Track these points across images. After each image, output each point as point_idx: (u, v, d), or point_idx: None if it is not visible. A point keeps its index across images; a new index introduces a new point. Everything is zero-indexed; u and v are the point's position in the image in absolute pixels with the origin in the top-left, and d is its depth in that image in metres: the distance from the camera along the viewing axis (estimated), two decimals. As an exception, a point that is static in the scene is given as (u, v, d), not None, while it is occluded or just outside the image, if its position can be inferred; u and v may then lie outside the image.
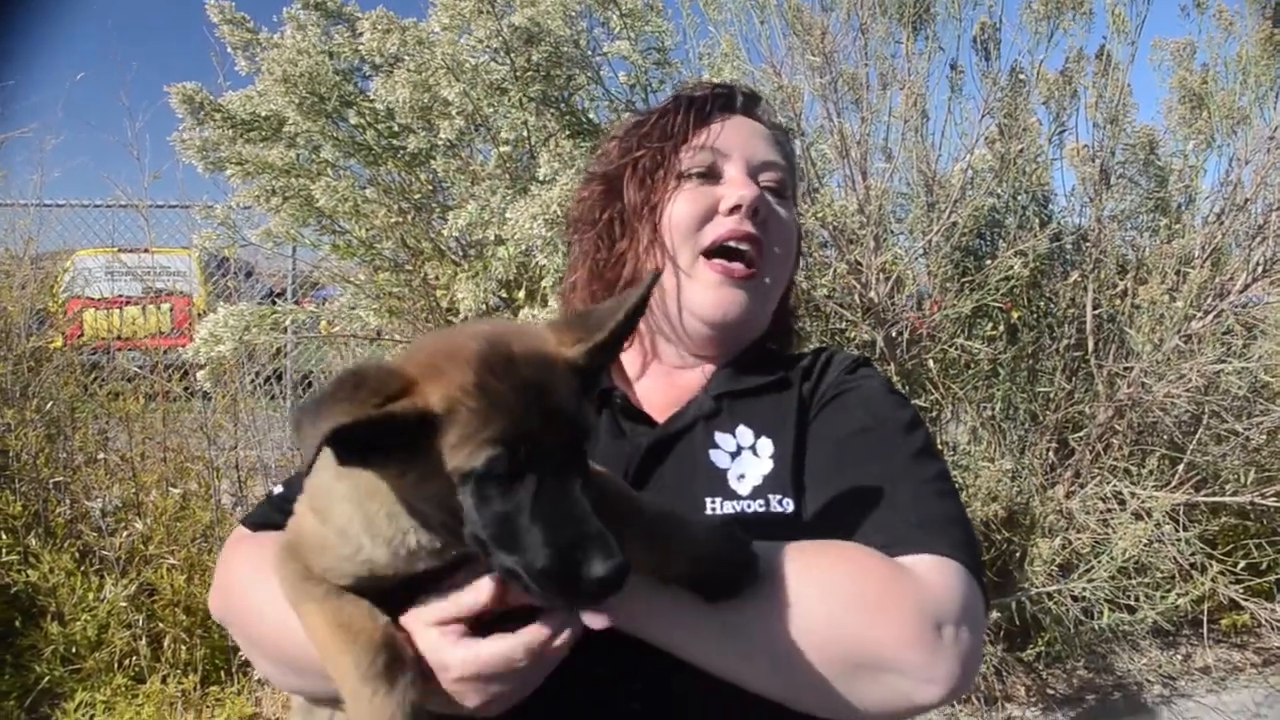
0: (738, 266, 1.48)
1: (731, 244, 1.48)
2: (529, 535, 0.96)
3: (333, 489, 1.12)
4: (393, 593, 1.12)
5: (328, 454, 1.00)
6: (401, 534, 1.07)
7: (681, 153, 1.54)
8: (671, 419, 1.46)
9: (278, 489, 1.49)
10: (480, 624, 1.10)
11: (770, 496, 1.33)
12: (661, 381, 1.57)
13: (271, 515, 1.39)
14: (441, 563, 1.09)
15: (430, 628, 1.10)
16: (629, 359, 1.61)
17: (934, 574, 1.15)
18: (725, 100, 1.60)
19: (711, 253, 1.49)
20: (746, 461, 1.37)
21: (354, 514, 1.09)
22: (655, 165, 1.55)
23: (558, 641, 1.05)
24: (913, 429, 1.39)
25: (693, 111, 1.57)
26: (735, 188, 1.49)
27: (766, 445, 1.39)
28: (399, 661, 1.08)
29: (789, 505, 1.32)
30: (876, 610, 1.10)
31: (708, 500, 1.33)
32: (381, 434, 0.95)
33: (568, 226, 1.74)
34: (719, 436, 1.40)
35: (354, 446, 0.96)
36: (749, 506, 1.32)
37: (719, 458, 1.38)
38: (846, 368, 1.49)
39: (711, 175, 1.52)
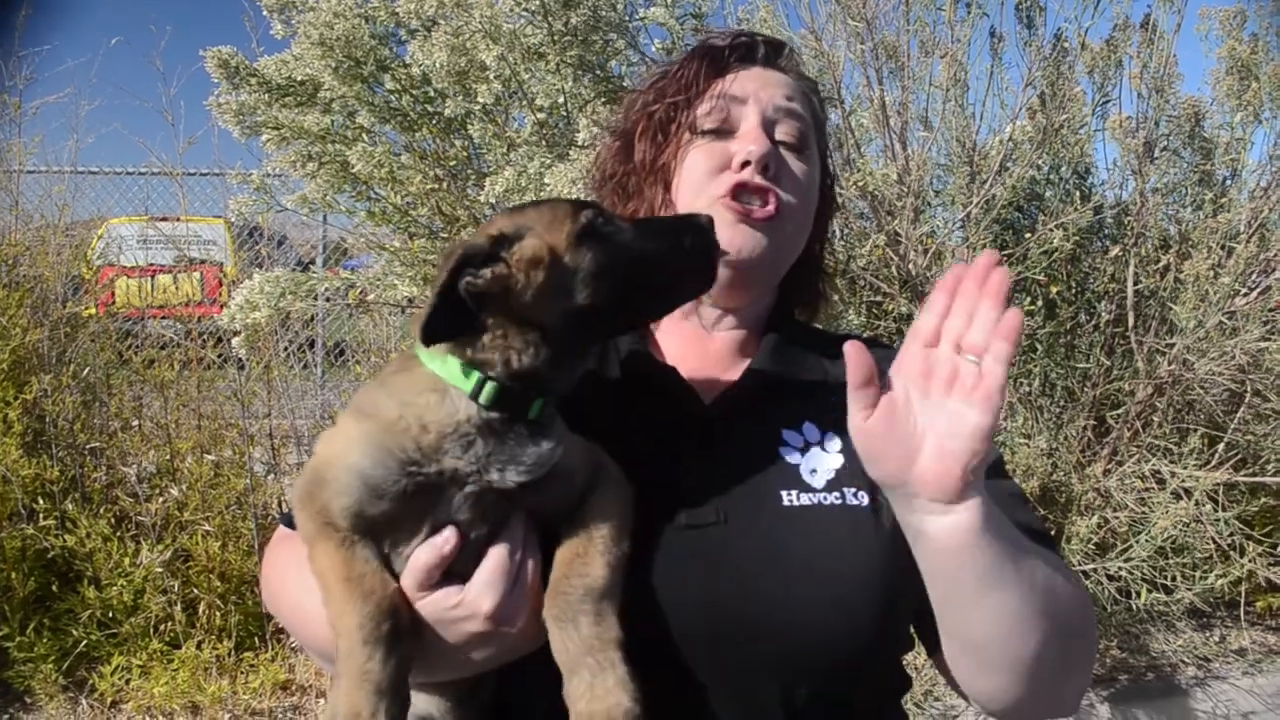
0: (755, 207, 1.43)
1: (745, 192, 1.44)
2: (663, 235, 1.26)
3: (381, 391, 1.23)
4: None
5: (387, 374, 1.27)
6: (454, 406, 1.17)
7: (696, 106, 1.50)
8: (722, 399, 1.43)
9: None
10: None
11: (845, 490, 1.33)
12: (693, 347, 1.53)
13: None
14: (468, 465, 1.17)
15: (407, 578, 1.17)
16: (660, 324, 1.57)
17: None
18: (746, 50, 1.54)
19: (729, 196, 1.44)
20: (816, 457, 1.37)
21: (412, 398, 1.19)
22: (669, 120, 1.52)
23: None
24: (999, 459, 1.45)
25: (710, 62, 1.52)
26: (746, 142, 1.44)
27: (834, 441, 1.39)
28: (399, 630, 1.13)
29: (864, 499, 1.32)
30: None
31: (783, 493, 1.32)
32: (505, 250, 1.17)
33: (591, 183, 1.72)
34: (786, 434, 1.39)
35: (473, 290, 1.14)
36: (825, 499, 1.32)
37: (789, 454, 1.37)
38: None
39: (726, 130, 1.47)
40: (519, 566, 1.19)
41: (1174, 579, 4.13)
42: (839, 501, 1.31)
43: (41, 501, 4.55)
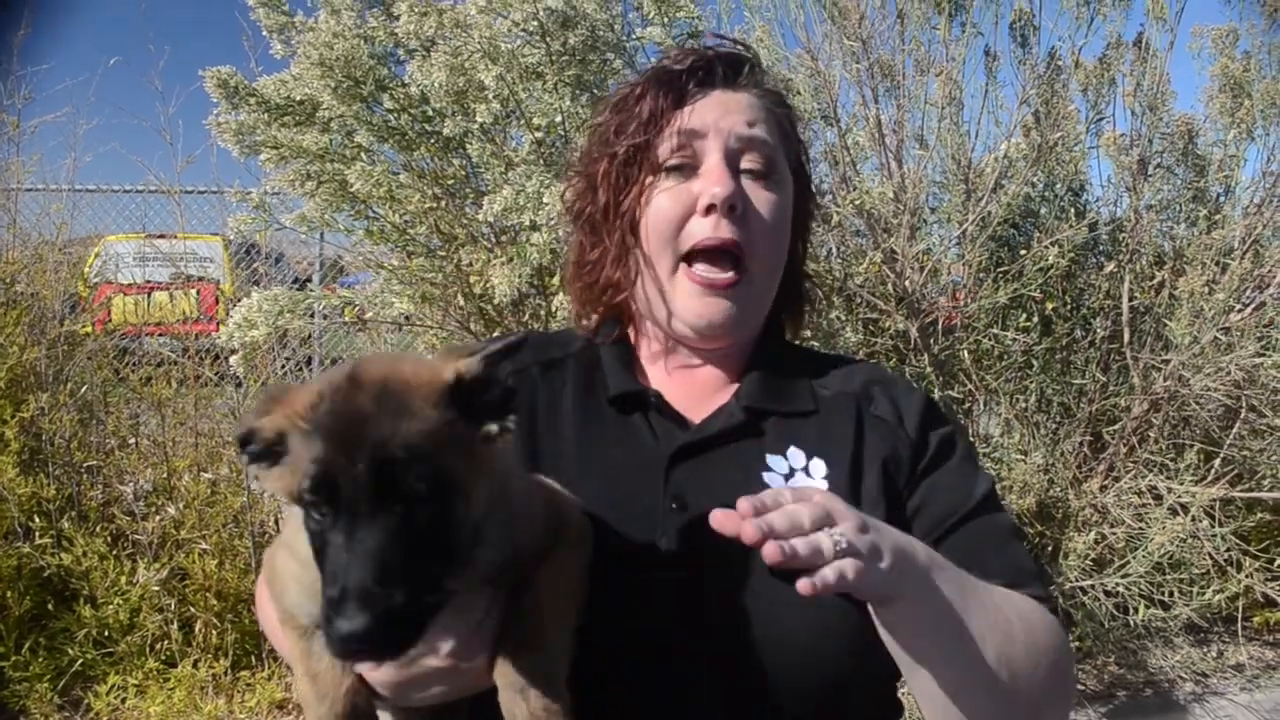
0: (718, 276, 1.41)
1: (709, 258, 1.42)
2: (323, 575, 0.95)
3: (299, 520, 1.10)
4: None
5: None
6: None
7: (656, 144, 1.45)
8: (706, 422, 1.43)
9: None
10: None
11: None
12: (678, 377, 1.52)
13: None
14: None
15: None
16: (645, 353, 1.56)
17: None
18: (704, 74, 1.49)
19: (692, 257, 1.42)
20: (801, 482, 1.36)
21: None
22: (630, 161, 1.47)
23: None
24: (991, 488, 1.44)
25: (667, 93, 1.47)
26: (710, 183, 1.40)
27: (819, 466, 1.38)
28: (358, 713, 1.13)
29: None
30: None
31: None
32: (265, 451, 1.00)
33: (565, 211, 1.67)
34: (770, 459, 1.38)
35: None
36: None
37: (773, 479, 1.35)
38: (928, 417, 1.47)
39: (689, 167, 1.44)
40: (483, 606, 1.16)
41: (1171, 595, 4.14)
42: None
43: (38, 520, 4.54)
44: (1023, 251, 4.26)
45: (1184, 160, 4.62)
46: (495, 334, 3.48)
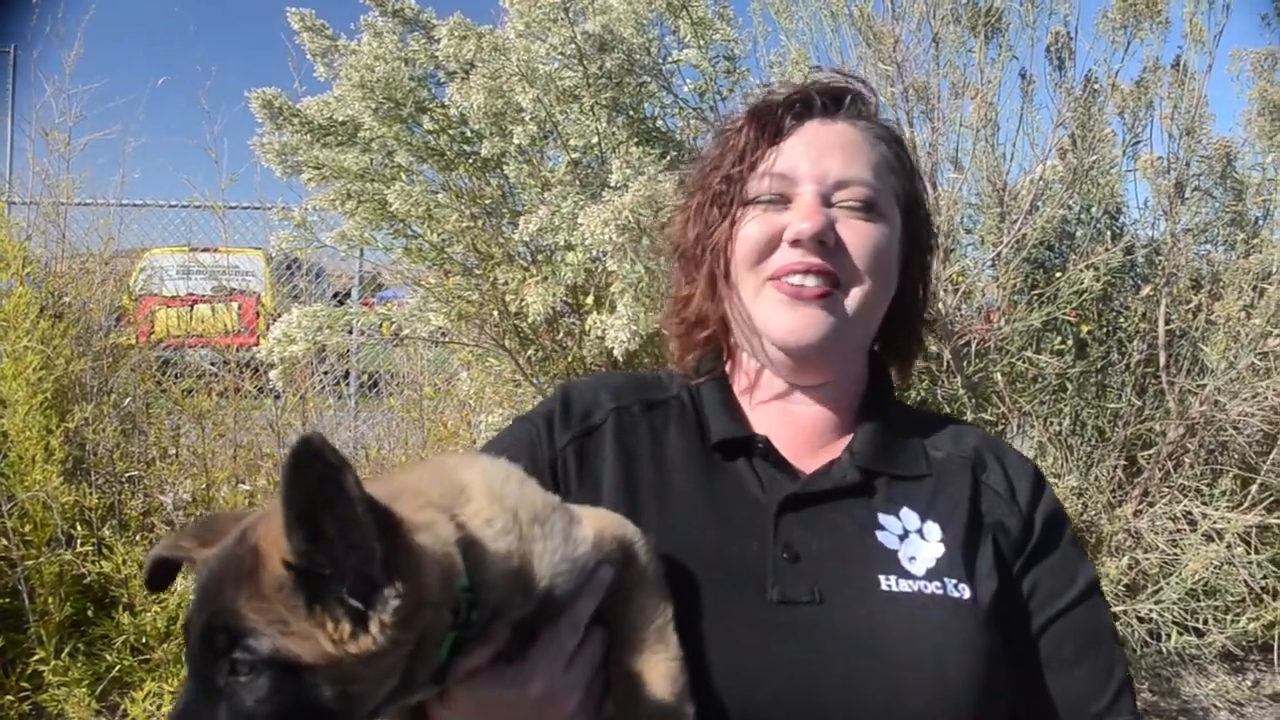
0: (808, 286, 1.35)
1: (797, 275, 1.36)
2: None
3: None
4: None
5: None
6: None
7: (749, 179, 1.43)
8: (817, 476, 1.38)
9: None
10: None
11: (946, 580, 1.29)
12: (781, 419, 1.46)
13: None
14: None
15: None
16: (744, 390, 1.52)
17: None
18: (801, 106, 1.45)
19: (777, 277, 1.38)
20: (915, 544, 1.32)
21: None
22: (724, 193, 1.44)
23: None
24: (1095, 578, 1.43)
25: (762, 128, 1.44)
26: (799, 217, 1.36)
27: (934, 529, 1.34)
28: None
29: (965, 591, 1.28)
30: None
31: (882, 578, 1.27)
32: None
33: (672, 249, 1.64)
34: (883, 518, 1.34)
35: None
36: (925, 587, 1.27)
37: (886, 539, 1.32)
38: (1039, 493, 1.44)
39: (782, 200, 1.40)
40: (577, 646, 1.12)
41: (1205, 621, 4.09)
42: (940, 591, 1.27)
43: (80, 528, 4.62)
44: (1058, 274, 4.25)
45: (1222, 183, 4.59)
46: (529, 352, 3.52)
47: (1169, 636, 4.08)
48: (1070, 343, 4.45)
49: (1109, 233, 4.50)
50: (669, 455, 1.42)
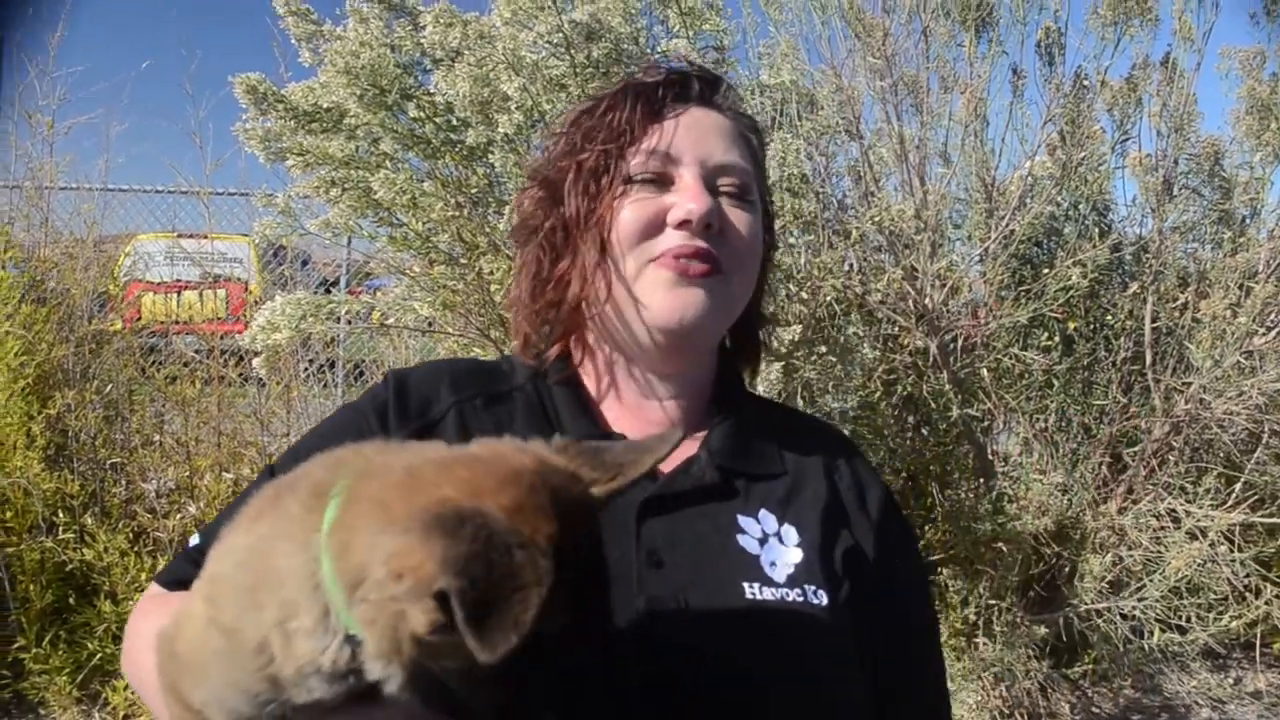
0: (694, 264, 1.30)
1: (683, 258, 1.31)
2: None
3: (232, 578, 0.90)
4: None
5: (230, 534, 0.92)
6: (328, 644, 0.83)
7: (629, 155, 1.36)
8: (675, 476, 1.32)
9: (194, 539, 1.33)
10: None
11: (805, 587, 1.25)
12: (632, 415, 1.41)
13: (187, 571, 1.16)
14: (332, 697, 0.86)
15: None
16: (596, 388, 1.45)
17: None
18: (680, 89, 1.40)
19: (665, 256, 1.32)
20: (775, 549, 1.28)
21: (264, 611, 0.85)
22: (601, 169, 1.36)
23: None
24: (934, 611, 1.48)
25: (642, 105, 1.37)
26: (685, 199, 1.31)
27: (791, 533, 1.30)
28: None
29: (824, 598, 1.25)
30: None
31: (745, 585, 1.23)
32: None
33: (510, 232, 1.54)
34: (743, 520, 1.29)
35: None
36: (787, 595, 1.23)
37: (747, 543, 1.27)
38: (889, 506, 1.43)
39: (662, 181, 1.35)
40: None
41: (1189, 619, 4.10)
42: (800, 599, 1.23)
43: (61, 515, 4.60)
44: (1045, 270, 4.25)
45: (1209, 182, 4.59)
46: (514, 342, 3.50)
47: (1152, 634, 4.10)
48: (1057, 339, 4.46)
49: (1097, 230, 4.50)
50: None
